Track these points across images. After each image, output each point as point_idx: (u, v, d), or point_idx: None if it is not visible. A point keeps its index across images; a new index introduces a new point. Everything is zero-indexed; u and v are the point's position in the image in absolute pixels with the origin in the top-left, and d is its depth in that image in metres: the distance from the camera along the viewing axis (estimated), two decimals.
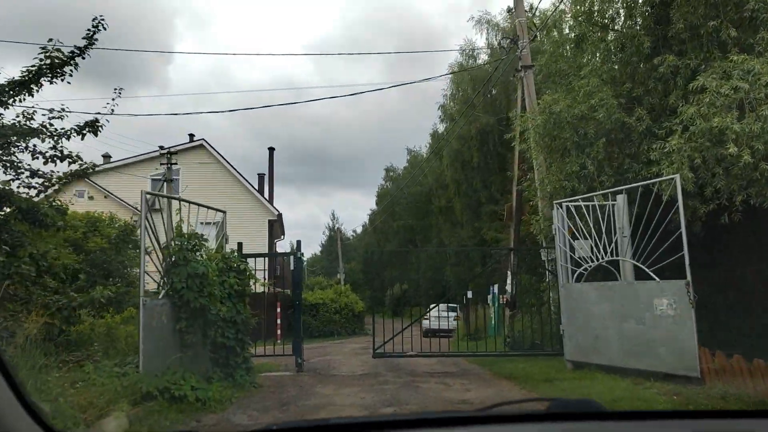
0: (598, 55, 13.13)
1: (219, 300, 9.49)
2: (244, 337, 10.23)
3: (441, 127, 44.72)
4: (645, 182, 10.16)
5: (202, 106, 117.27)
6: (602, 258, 10.36)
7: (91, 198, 19.18)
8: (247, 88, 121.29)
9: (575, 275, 10.71)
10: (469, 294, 21.85)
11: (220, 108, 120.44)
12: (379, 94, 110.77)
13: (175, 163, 23.96)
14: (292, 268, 12.41)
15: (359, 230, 77.86)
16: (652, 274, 9.24)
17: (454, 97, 40.73)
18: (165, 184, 23.82)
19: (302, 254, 12.55)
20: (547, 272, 13.38)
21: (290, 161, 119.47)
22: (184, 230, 9.25)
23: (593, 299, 10.04)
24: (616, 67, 12.66)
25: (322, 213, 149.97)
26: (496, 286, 19.56)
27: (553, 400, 1.82)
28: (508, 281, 15.88)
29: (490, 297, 20.48)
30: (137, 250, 10.98)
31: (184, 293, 8.51)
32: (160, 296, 8.50)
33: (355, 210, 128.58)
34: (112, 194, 27.77)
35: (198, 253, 9.16)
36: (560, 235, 10.92)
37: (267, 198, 32.37)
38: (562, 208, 10.94)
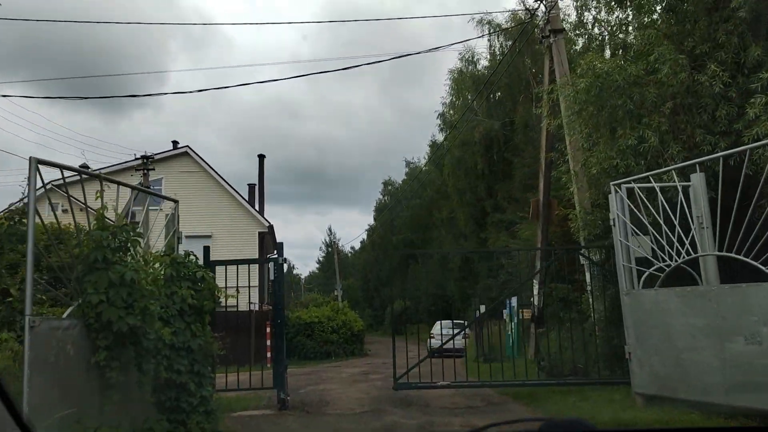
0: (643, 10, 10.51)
1: (162, 319, 6.75)
2: (203, 368, 7.46)
3: (440, 137, 42.24)
4: (735, 150, 7.47)
5: (197, 127, 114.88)
6: (675, 256, 7.63)
7: (65, 211, 16.66)
8: (241, 107, 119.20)
9: (642, 279, 7.97)
10: (482, 308, 19.04)
11: (215, 128, 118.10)
12: (373, 113, 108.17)
13: (152, 169, 21.29)
14: (272, 278, 9.68)
15: (357, 246, 75.18)
16: (766, 270, 6.48)
17: (454, 105, 38.27)
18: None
19: (285, 260, 9.86)
20: (589, 277, 10.64)
21: (286, 181, 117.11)
22: (112, 223, 6.54)
23: (676, 310, 7.26)
24: (673, 21, 10.05)
25: (319, 232, 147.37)
26: (514, 299, 16.80)
27: (544, 420, 1.76)
28: (535, 291, 13.14)
29: (505, 311, 17.70)
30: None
31: (104, 310, 5.77)
32: (65, 315, 5.74)
33: (352, 228, 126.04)
34: (88, 207, 24.93)
35: (129, 254, 6.43)
36: (620, 226, 8.19)
37: (258, 209, 29.61)
38: (621, 190, 8.23)
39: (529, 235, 23.45)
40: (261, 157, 30.91)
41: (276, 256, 9.87)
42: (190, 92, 57.76)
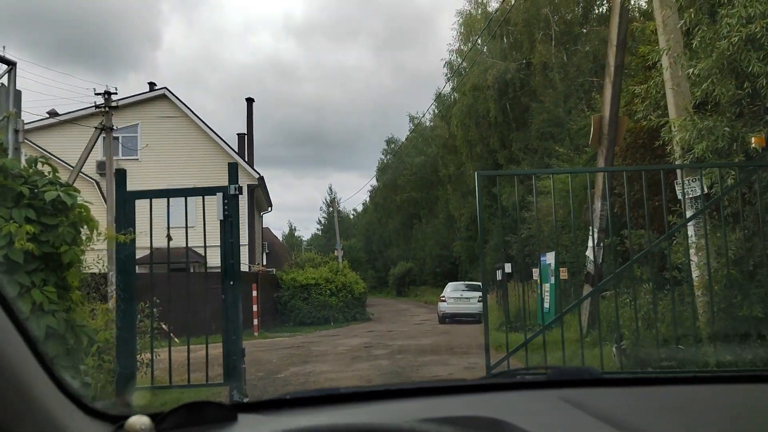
0: None
1: None
2: (65, 368, 3.94)
3: (447, 89, 38.19)
4: None
5: (192, 90, 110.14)
6: None
7: None
8: (235, 70, 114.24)
9: None
10: (508, 268, 15.52)
11: (211, 92, 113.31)
12: (369, 75, 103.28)
13: (116, 106, 17.54)
14: (221, 216, 6.09)
15: (360, 209, 71.62)
16: None
17: (462, 52, 34.12)
18: (105, 137, 17.36)
19: (239, 189, 6.21)
20: (694, 213, 6.99)
21: (286, 144, 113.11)
22: None
23: None
24: None
25: (319, 196, 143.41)
26: (549, 255, 13.24)
27: (553, 368, 1.91)
28: (590, 243, 9.53)
29: (537, 270, 14.15)
30: None
31: None
32: None
33: (353, 191, 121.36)
34: (52, 155, 21.29)
35: None
36: None
37: (247, 160, 25.89)
38: None
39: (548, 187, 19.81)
40: (249, 101, 26.90)
41: (227, 185, 6.25)
42: None
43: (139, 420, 1.10)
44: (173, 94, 23.77)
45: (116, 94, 17.74)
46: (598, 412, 1.35)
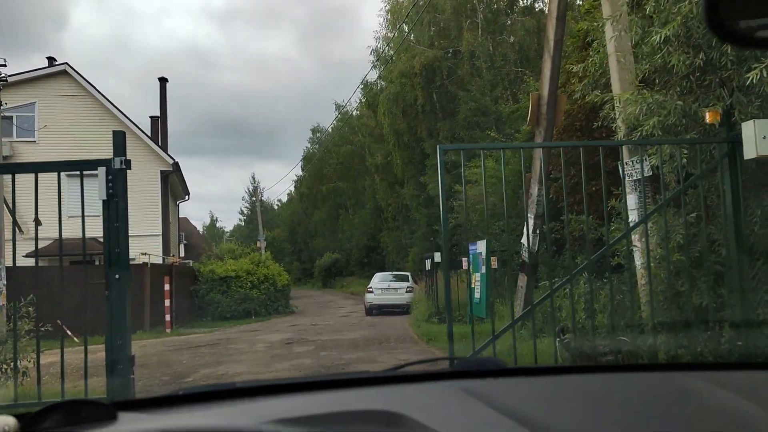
0: None
1: None
2: None
3: (374, 75, 37.40)
4: None
5: (103, 75, 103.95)
6: None
7: None
8: (151, 55, 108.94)
9: None
10: (437, 257, 14.92)
11: (125, 77, 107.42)
12: (294, 66, 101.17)
13: (4, 80, 15.53)
14: (104, 195, 4.99)
15: (284, 199, 69.84)
16: None
17: (390, 39, 33.44)
18: None
19: (126, 163, 5.14)
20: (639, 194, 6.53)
21: (207, 133, 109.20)
22: None
23: None
24: None
25: (242, 186, 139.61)
26: (482, 243, 12.71)
27: (458, 359, 1.83)
28: (527, 229, 8.98)
29: (467, 260, 13.62)
30: None
31: None
32: None
33: (275, 181, 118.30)
34: None
35: None
36: None
37: (160, 145, 24.08)
38: None
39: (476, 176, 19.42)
40: (162, 81, 24.92)
41: (110, 158, 5.16)
42: None
43: (2, 420, 1.02)
44: (75, 71, 21.64)
45: (5, 66, 15.73)
46: (498, 404, 1.33)
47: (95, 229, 5.31)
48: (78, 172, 5.10)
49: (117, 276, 5.05)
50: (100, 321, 5.79)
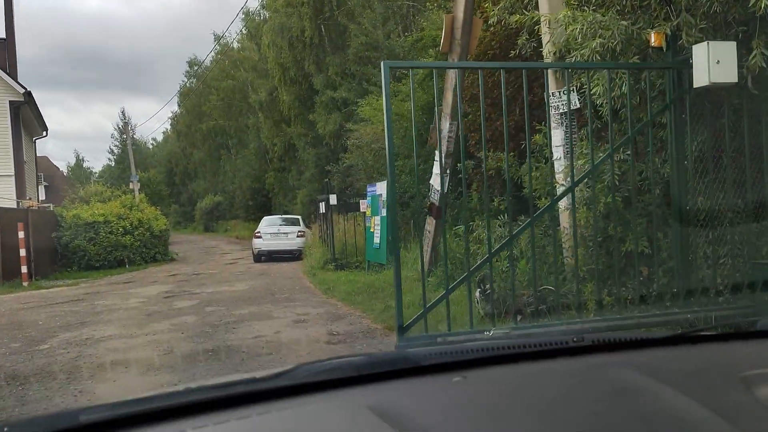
0: None
1: None
2: None
3: (255, 3, 34.74)
4: None
5: None
6: None
7: None
8: None
9: None
10: (333, 199, 13.94)
11: None
12: None
13: None
14: None
15: (160, 138, 64.90)
16: None
17: None
18: None
19: None
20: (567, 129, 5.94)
21: (65, 62, 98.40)
22: None
23: None
24: None
25: (111, 123, 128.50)
26: (380, 185, 11.89)
27: (362, 356, 1.52)
28: (435, 169, 8.23)
29: (365, 202, 12.81)
30: None
31: None
32: None
33: (147, 118, 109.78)
34: None
35: None
36: None
37: (8, 72, 20.61)
38: None
39: (371, 113, 18.51)
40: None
41: None
42: None
43: None
44: None
45: None
46: (410, 421, 1.11)
47: None
48: None
49: None
50: None
